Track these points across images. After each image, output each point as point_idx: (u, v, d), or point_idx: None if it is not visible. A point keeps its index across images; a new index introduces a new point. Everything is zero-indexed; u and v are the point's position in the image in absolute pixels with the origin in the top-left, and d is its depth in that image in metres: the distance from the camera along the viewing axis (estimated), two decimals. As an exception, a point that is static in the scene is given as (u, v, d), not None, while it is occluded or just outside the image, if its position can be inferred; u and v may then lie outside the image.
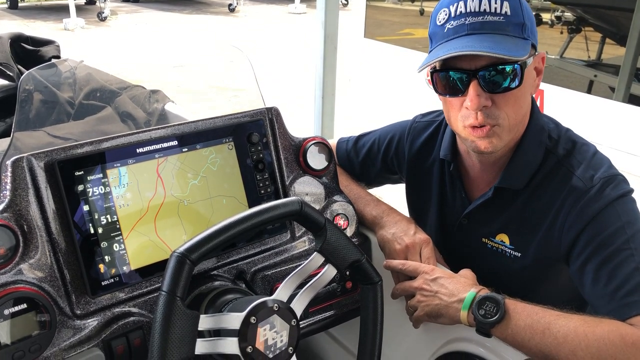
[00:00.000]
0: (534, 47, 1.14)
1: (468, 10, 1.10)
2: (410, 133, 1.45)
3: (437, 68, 1.15)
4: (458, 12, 1.11)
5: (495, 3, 1.09)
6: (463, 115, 1.15)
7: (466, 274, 1.17)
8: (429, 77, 1.19)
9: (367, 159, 1.52)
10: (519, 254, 1.23)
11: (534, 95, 1.22)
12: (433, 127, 1.41)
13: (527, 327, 1.03)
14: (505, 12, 1.09)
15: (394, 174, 1.53)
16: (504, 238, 1.26)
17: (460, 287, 1.12)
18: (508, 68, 1.09)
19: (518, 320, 1.04)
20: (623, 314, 1.02)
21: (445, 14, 1.13)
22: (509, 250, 1.25)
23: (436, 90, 1.18)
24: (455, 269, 1.20)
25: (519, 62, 1.09)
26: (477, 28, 1.09)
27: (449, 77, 1.14)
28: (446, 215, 1.37)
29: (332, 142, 1.57)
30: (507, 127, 1.14)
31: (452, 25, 1.12)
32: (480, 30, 1.09)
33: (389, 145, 1.49)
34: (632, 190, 1.15)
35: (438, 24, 1.15)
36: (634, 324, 0.99)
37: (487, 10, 1.09)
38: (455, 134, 1.25)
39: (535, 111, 1.22)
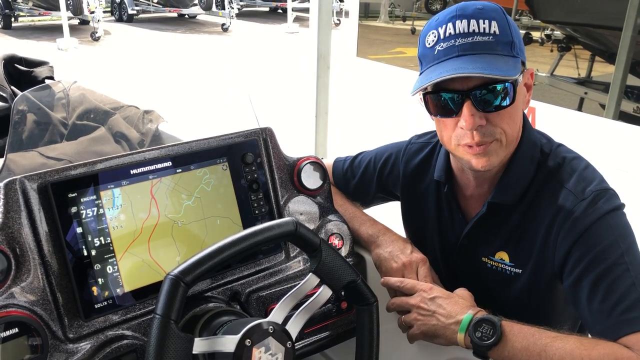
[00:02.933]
0: (523, 64, 1.15)
1: (457, 31, 1.11)
2: (405, 154, 1.45)
3: (429, 90, 1.15)
4: (447, 34, 1.11)
5: (484, 23, 1.10)
6: (458, 134, 1.15)
7: (463, 294, 1.16)
8: (422, 98, 1.19)
9: (363, 179, 1.52)
10: (520, 271, 1.22)
11: (525, 112, 1.23)
12: (428, 148, 1.41)
13: (524, 350, 1.02)
14: (494, 32, 1.10)
15: (390, 194, 1.52)
16: (503, 256, 1.25)
17: (457, 308, 1.11)
18: (499, 87, 1.10)
19: (514, 342, 1.03)
20: (620, 331, 1.01)
21: (435, 36, 1.14)
22: (509, 268, 1.24)
23: (429, 111, 1.19)
24: (456, 289, 1.18)
25: (510, 81, 1.10)
26: (467, 49, 1.10)
27: (441, 99, 1.14)
28: (446, 237, 1.36)
29: (329, 162, 1.57)
30: (504, 143, 1.15)
31: (442, 47, 1.12)
32: (471, 51, 1.10)
33: (384, 165, 1.48)
34: (623, 205, 1.14)
35: (427, 46, 1.15)
36: (630, 345, 0.99)
37: (476, 30, 1.10)
38: (450, 153, 1.25)
39: (527, 127, 1.23)
